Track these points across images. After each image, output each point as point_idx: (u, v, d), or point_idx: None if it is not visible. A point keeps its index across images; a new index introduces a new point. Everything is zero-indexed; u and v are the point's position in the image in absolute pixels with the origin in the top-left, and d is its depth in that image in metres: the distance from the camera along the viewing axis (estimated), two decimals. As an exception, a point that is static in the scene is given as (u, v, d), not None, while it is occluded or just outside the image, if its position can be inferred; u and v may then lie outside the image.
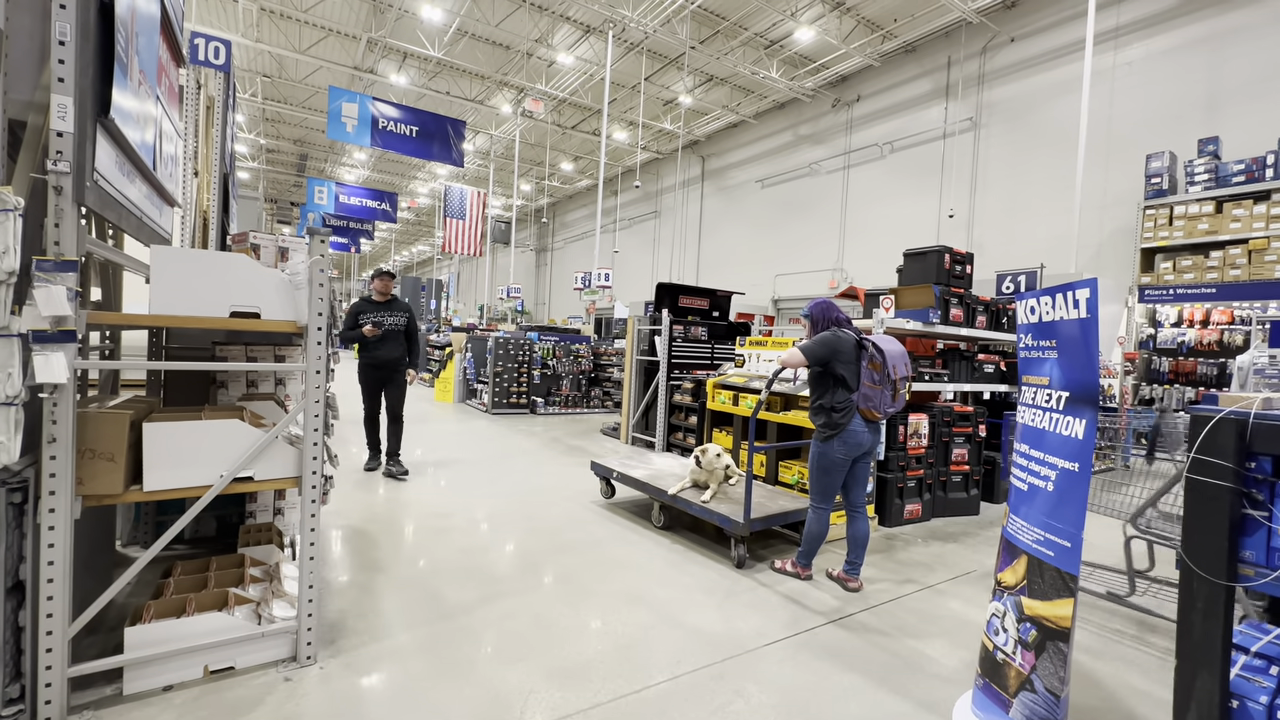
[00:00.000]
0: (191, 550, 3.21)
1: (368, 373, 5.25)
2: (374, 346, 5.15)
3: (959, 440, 4.94)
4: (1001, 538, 2.16)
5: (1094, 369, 1.87)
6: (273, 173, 25.73)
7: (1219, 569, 1.49)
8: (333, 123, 12.73)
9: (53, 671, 1.86)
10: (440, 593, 3.02)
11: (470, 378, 11.14)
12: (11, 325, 1.68)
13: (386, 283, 5.31)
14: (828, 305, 3.31)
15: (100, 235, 2.75)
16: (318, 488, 2.31)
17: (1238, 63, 8.50)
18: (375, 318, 5.16)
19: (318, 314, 2.26)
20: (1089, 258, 9.77)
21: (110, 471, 1.97)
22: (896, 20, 12.35)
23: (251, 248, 2.76)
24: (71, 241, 1.77)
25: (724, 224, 18.45)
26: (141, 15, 2.20)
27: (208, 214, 4.08)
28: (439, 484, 5.23)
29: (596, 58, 14.54)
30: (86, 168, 1.82)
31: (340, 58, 15.19)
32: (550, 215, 29.34)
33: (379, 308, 5.23)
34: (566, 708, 2.12)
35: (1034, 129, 10.89)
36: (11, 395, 1.67)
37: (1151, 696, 2.37)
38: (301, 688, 2.15)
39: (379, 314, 5.18)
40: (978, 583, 3.49)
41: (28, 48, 1.88)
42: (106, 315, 2.12)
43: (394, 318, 5.22)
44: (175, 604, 2.28)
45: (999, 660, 2.04)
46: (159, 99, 2.54)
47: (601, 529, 4.15)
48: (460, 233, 18.08)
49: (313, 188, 18.67)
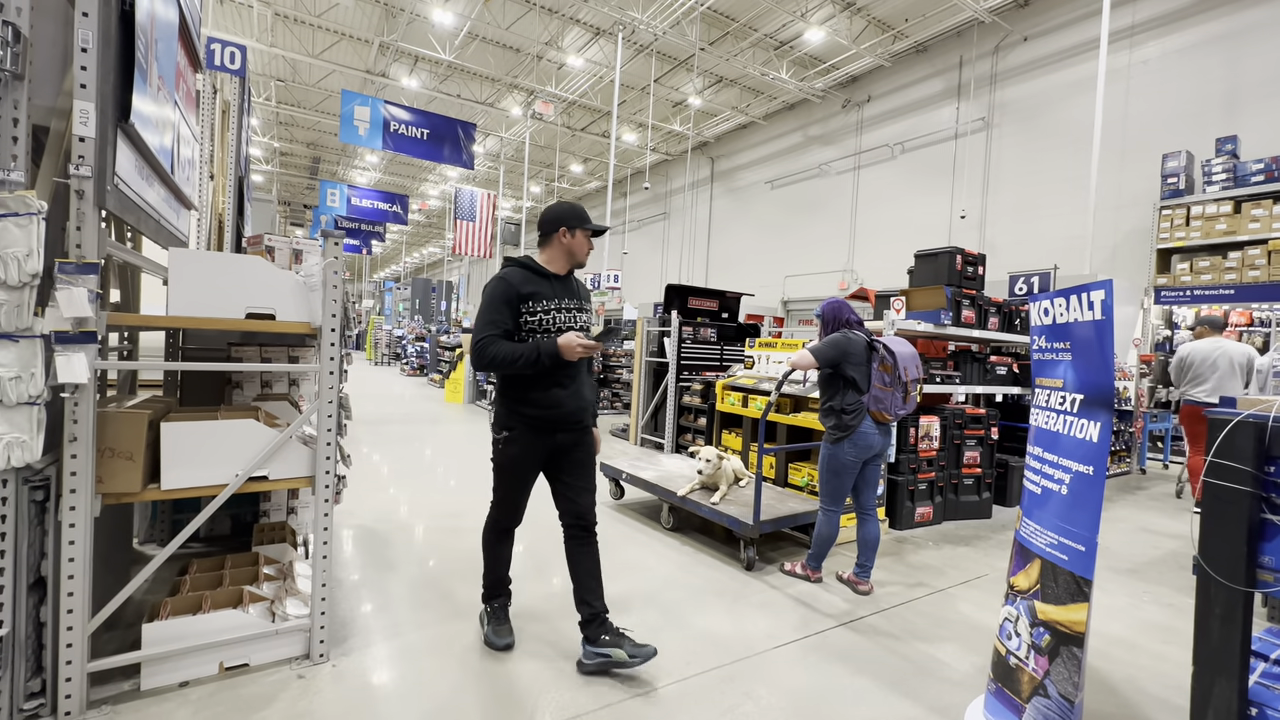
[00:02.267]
0: (207, 548, 3.26)
1: (526, 436, 2.37)
2: (552, 378, 2.35)
3: (971, 443, 4.90)
4: (1014, 541, 2.15)
5: (1109, 371, 1.85)
6: (286, 175, 26.01)
7: (1237, 574, 1.47)
8: (345, 126, 12.85)
9: (73, 666, 1.89)
10: (451, 592, 3.04)
11: (480, 379, 11.19)
12: (35, 326, 1.71)
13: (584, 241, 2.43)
14: (839, 306, 3.30)
15: (119, 238, 2.79)
16: (331, 487, 2.34)
17: (1256, 60, 8.37)
18: (558, 308, 2.38)
19: (331, 315, 2.29)
20: (1104, 259, 9.65)
21: (129, 470, 2.00)
22: (908, 20, 12.28)
23: (266, 250, 2.80)
24: (93, 244, 1.81)
25: (733, 225, 18.41)
26: (161, 22, 2.24)
27: (223, 217, 4.14)
28: (449, 484, 5.26)
29: (606, 60, 14.57)
30: (107, 172, 1.85)
31: (353, 61, 15.34)
32: (560, 217, 29.37)
33: (556, 288, 2.41)
34: (576, 708, 2.12)
35: (1047, 129, 10.77)
36: (34, 395, 1.70)
37: (1168, 704, 2.34)
38: (314, 685, 2.17)
39: (561, 301, 2.39)
40: (990, 587, 3.46)
41: (51, 55, 1.92)
42: (126, 316, 2.16)
43: (582, 310, 2.47)
44: (191, 601, 2.31)
45: (1012, 665, 2.02)
46: (177, 104, 2.59)
47: (611, 530, 4.15)
48: (470, 234, 18.17)
49: (325, 190, 18.86)
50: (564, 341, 2.24)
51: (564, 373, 2.37)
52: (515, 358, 2.23)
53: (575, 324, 2.41)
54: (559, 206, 2.43)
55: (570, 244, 2.41)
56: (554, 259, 2.44)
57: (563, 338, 2.25)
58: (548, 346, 2.25)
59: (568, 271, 2.48)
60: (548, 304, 2.35)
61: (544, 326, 2.33)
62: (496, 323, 2.29)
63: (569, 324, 2.39)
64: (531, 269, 2.40)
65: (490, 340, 2.26)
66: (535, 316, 2.32)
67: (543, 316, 2.33)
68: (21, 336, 1.69)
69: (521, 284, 2.34)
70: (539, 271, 2.41)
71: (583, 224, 2.41)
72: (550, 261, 2.44)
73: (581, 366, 2.46)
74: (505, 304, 2.31)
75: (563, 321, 2.37)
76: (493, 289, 2.33)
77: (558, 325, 2.35)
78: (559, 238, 2.41)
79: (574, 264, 2.46)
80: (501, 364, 2.24)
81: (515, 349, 2.25)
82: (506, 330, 2.30)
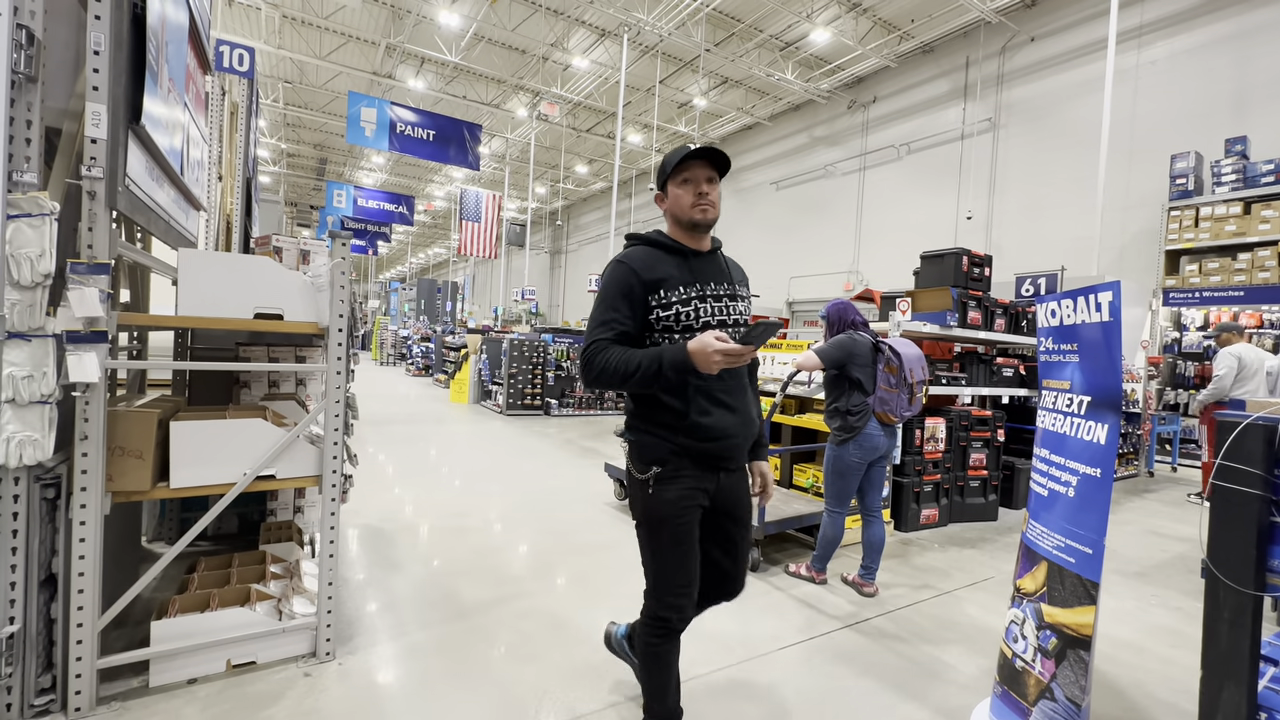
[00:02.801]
0: (214, 547, 3.28)
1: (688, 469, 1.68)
2: (708, 393, 1.67)
3: (977, 445, 4.87)
4: (1021, 544, 2.14)
5: (1116, 373, 1.84)
6: (293, 176, 26.16)
7: (1246, 578, 1.46)
8: (352, 127, 12.92)
9: (83, 663, 1.91)
10: (456, 592, 3.05)
11: (485, 379, 11.23)
12: (47, 326, 1.73)
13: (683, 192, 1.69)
14: (845, 307, 3.30)
15: (130, 238, 2.82)
16: (338, 486, 2.35)
17: (1265, 61, 8.30)
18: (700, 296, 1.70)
19: (338, 315, 2.30)
20: (1111, 260, 9.59)
21: (139, 469, 2.02)
22: (914, 21, 12.24)
23: (274, 250, 2.82)
24: (104, 245, 1.83)
25: (738, 226, 18.39)
26: (171, 25, 2.26)
27: (231, 217, 4.17)
28: (454, 484, 5.27)
29: (611, 61, 14.60)
30: (119, 173, 1.87)
31: (359, 63, 15.42)
32: (565, 218, 29.48)
33: (695, 269, 1.74)
34: (580, 708, 2.13)
35: (1054, 129, 10.72)
36: (46, 394, 1.72)
37: (1176, 708, 2.32)
38: (321, 683, 2.18)
39: (704, 286, 1.72)
40: (996, 589, 3.44)
41: (63, 57, 1.94)
42: (136, 316, 2.19)
43: (735, 299, 1.78)
44: (199, 599, 2.33)
45: (1018, 668, 2.02)
46: (187, 106, 2.61)
47: (615, 531, 4.16)
48: (476, 235, 18.24)
49: (332, 191, 18.95)
50: (697, 346, 1.49)
51: (723, 385, 1.68)
52: (629, 370, 1.56)
53: (727, 319, 1.71)
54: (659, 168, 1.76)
55: (670, 207, 1.74)
56: (675, 231, 1.77)
57: (696, 340, 1.51)
58: (672, 354, 1.53)
59: (710, 246, 1.79)
60: (684, 291, 1.67)
61: (684, 323, 1.66)
62: (610, 322, 1.64)
63: (719, 319, 1.70)
64: (661, 245, 1.74)
65: (598, 347, 1.62)
66: (669, 311, 1.65)
67: (679, 310, 1.65)
68: (34, 336, 1.71)
69: (646, 267, 1.67)
70: (670, 248, 1.73)
71: (669, 169, 1.69)
72: (677, 235, 1.76)
73: (743, 376, 1.76)
74: (623, 296, 1.65)
75: (709, 315, 1.68)
76: (608, 277, 1.70)
77: (702, 321, 1.67)
78: (660, 206, 1.79)
79: (697, 226, 1.70)
80: (613, 378, 1.58)
81: (629, 358, 1.57)
82: (625, 332, 1.64)
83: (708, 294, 1.71)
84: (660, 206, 1.78)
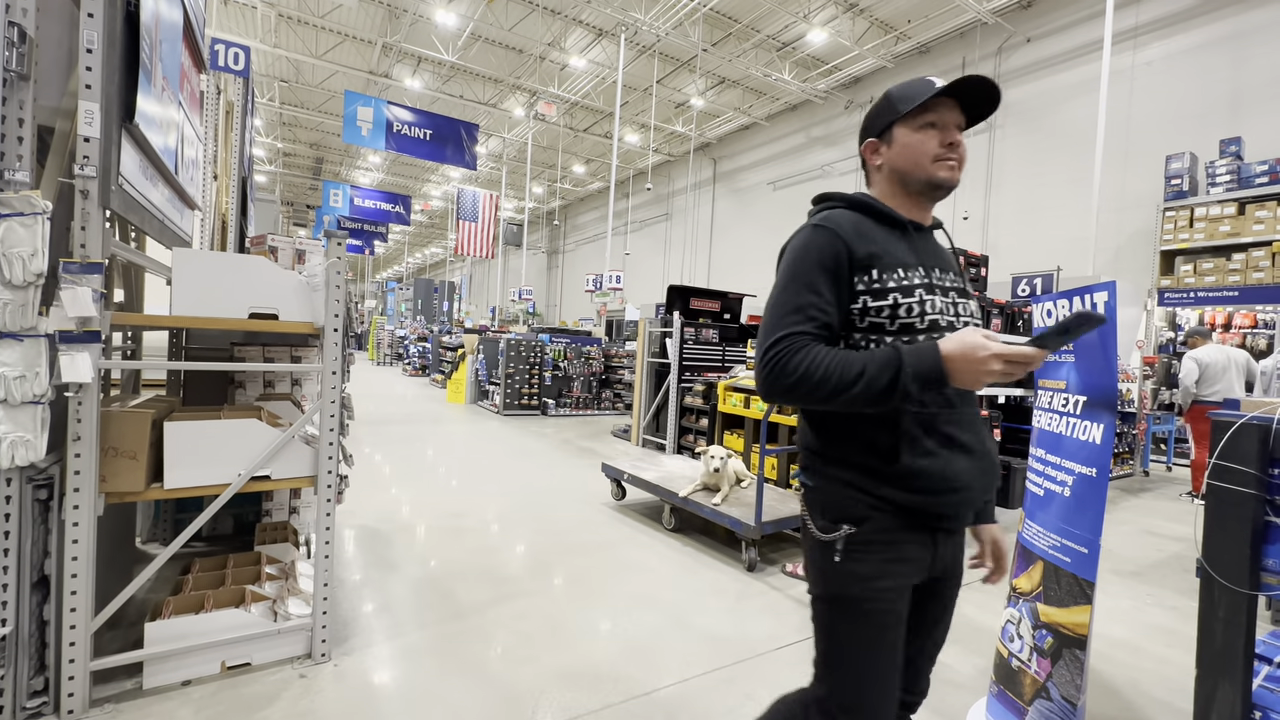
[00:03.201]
0: (209, 548, 3.26)
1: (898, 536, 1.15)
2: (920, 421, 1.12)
3: (973, 444, 4.88)
4: (1017, 543, 2.14)
5: (1112, 373, 1.84)
6: (289, 176, 26.08)
7: (1241, 577, 1.46)
8: (348, 126, 12.89)
9: (76, 665, 1.89)
10: (452, 592, 3.04)
11: (482, 379, 11.21)
12: (39, 326, 1.72)
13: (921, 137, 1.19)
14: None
15: (123, 238, 2.80)
16: (333, 487, 2.34)
17: (1260, 62, 8.35)
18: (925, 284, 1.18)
19: (334, 315, 2.29)
20: (1107, 260, 9.63)
21: (132, 469, 2.01)
22: (910, 21, 12.27)
23: (270, 250, 2.81)
24: (97, 244, 1.81)
25: (736, 226, 18.41)
26: (165, 23, 2.25)
27: (226, 217, 4.15)
28: (450, 484, 5.26)
29: (609, 61, 14.59)
30: (112, 172, 1.86)
31: (356, 62, 15.39)
32: (562, 217, 29.47)
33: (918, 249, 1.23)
34: (577, 708, 2.12)
35: (1050, 130, 10.76)
36: (39, 394, 1.71)
37: (1171, 707, 2.33)
38: (316, 684, 2.17)
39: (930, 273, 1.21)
40: (991, 589, 3.45)
41: (56, 55, 1.93)
42: (130, 316, 2.17)
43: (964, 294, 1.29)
44: (194, 600, 2.32)
45: (1014, 667, 2.02)
46: (181, 104, 2.60)
47: (612, 531, 4.15)
48: (472, 235, 18.22)
49: (328, 191, 18.91)
50: (957, 347, 1.01)
51: (953, 414, 1.17)
52: (848, 378, 1.05)
53: (956, 321, 1.20)
54: (874, 106, 1.28)
55: (895, 159, 1.23)
56: (891, 195, 1.26)
57: (955, 338, 1.03)
58: (918, 357, 1.03)
59: (931, 221, 1.30)
60: (906, 276, 1.17)
61: (901, 320, 1.15)
62: (807, 308, 1.13)
63: (949, 319, 1.19)
64: (873, 210, 1.22)
65: (795, 343, 1.10)
66: (884, 300, 1.15)
67: (899, 300, 1.15)
68: (26, 336, 1.69)
69: (858, 235, 1.17)
70: (886, 215, 1.22)
71: (905, 106, 1.19)
72: (896, 201, 1.26)
73: (975, 402, 1.27)
74: (827, 272, 1.15)
75: (936, 312, 1.17)
76: (803, 245, 1.20)
77: (929, 320, 1.16)
78: (870, 159, 1.29)
79: (939, 188, 1.21)
80: (819, 389, 1.06)
81: (848, 362, 1.06)
82: (827, 324, 1.13)
83: (934, 283, 1.19)
84: (871, 159, 1.28)
